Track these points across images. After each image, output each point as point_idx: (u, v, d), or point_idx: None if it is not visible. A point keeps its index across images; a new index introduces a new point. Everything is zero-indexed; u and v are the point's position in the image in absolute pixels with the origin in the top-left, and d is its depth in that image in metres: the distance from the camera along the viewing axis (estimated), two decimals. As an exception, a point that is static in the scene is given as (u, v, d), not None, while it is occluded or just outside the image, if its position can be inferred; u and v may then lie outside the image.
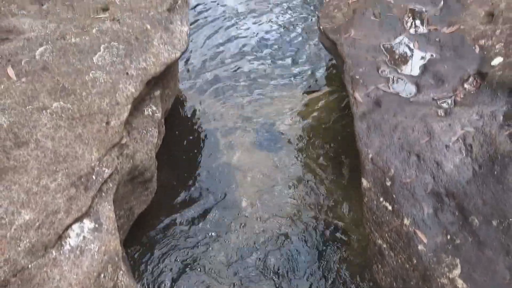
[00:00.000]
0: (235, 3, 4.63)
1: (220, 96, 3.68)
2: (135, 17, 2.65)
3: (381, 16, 2.96)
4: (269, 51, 4.10)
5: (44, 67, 2.26)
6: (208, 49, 4.12)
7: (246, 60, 4.01)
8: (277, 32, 4.31)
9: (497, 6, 2.83)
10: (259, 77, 3.84)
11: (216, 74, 3.86)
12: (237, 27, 4.36)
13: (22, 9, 2.67)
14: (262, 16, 4.48)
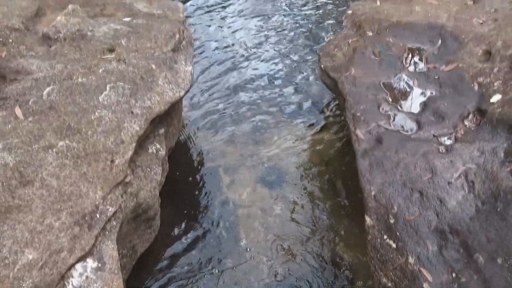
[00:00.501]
0: (236, 36, 4.75)
1: (222, 133, 3.72)
2: (140, 57, 2.72)
3: (380, 55, 3.03)
4: (271, 86, 4.17)
5: (51, 106, 2.31)
6: (210, 84, 4.20)
7: (248, 95, 4.08)
8: (278, 66, 4.40)
9: (494, 44, 2.90)
10: (261, 112, 3.90)
11: (218, 110, 3.92)
12: (238, 60, 4.46)
13: (31, 51, 2.76)
14: (263, 49, 4.59)
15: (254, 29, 4.90)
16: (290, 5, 5.30)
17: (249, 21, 5.03)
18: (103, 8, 3.23)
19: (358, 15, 3.43)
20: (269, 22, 5.01)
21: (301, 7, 5.26)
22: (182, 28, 3.09)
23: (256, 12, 5.18)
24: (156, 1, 3.42)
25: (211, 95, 4.10)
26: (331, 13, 5.15)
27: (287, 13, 5.17)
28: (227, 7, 5.26)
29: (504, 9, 3.25)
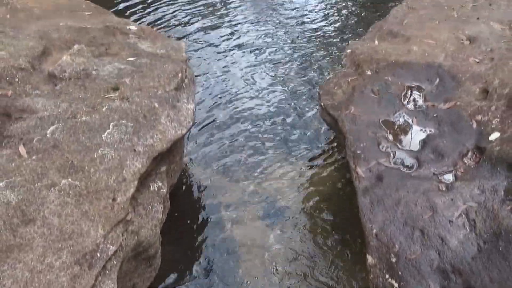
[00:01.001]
0: (234, 69, 4.83)
1: (222, 167, 3.74)
2: (143, 96, 2.78)
3: (380, 93, 3.09)
4: (269, 121, 4.22)
5: (55, 145, 2.34)
6: (208, 116, 4.26)
7: (247, 129, 4.12)
8: (278, 101, 4.46)
9: (491, 83, 2.96)
10: (260, 146, 3.93)
11: (217, 144, 3.96)
12: (236, 93, 4.53)
13: (37, 89, 2.82)
14: (262, 83, 4.67)
15: (253, 63, 5.00)
16: (289, 39, 5.42)
17: (248, 55, 5.14)
18: (108, 47, 3.31)
19: (357, 54, 3.51)
20: (268, 56, 5.12)
21: (300, 42, 5.39)
22: (184, 67, 3.16)
23: (256, 45, 5.30)
24: (160, 41, 3.51)
25: (210, 128, 4.15)
26: (330, 48, 5.27)
27: (287, 47, 5.28)
28: (227, 40, 5.39)
29: (499, 48, 3.33)
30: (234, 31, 5.56)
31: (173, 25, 5.60)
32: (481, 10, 3.97)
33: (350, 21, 5.77)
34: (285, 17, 5.88)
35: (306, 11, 6.06)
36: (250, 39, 5.42)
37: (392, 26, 3.84)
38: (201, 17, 5.76)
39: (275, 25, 5.68)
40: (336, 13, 5.95)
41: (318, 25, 5.70)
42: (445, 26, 3.73)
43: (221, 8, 6.02)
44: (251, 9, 6.03)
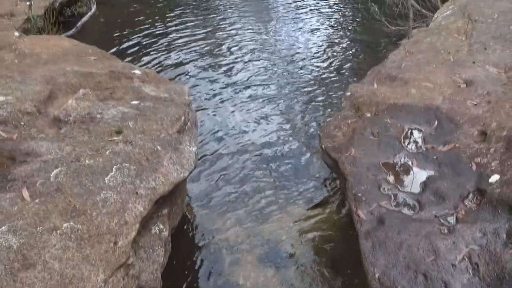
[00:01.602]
0: (236, 111, 4.90)
1: (223, 210, 3.74)
2: (147, 139, 2.82)
3: (379, 135, 3.13)
4: (271, 163, 4.24)
5: (58, 188, 2.35)
6: (210, 158, 4.28)
7: (248, 171, 4.14)
8: (279, 142, 4.50)
9: (489, 125, 3.00)
10: (262, 189, 3.94)
11: (218, 185, 3.97)
12: (238, 135, 4.57)
13: (41, 133, 2.86)
14: (263, 126, 4.72)
15: (253, 103, 5.07)
16: (289, 80, 5.53)
17: (248, 94, 5.23)
18: (113, 91, 3.39)
19: (356, 97, 3.58)
20: (267, 96, 5.21)
21: (300, 83, 5.49)
22: (187, 110, 3.23)
23: (255, 85, 5.40)
24: (163, 85, 3.60)
25: (211, 168, 4.17)
26: (330, 89, 5.36)
27: (286, 88, 5.37)
28: (226, 77, 5.49)
29: (496, 91, 3.40)
30: (233, 70, 5.69)
31: (174, 64, 5.73)
32: (476, 54, 4.07)
33: (349, 64, 5.91)
34: (284, 58, 6.02)
35: (306, 52, 6.21)
36: (250, 78, 5.54)
37: (391, 70, 3.93)
38: (200, 57, 5.90)
39: (275, 66, 5.81)
40: (336, 56, 6.10)
41: (318, 67, 5.83)
42: (442, 69, 3.82)
43: (219, 48, 6.17)
44: (251, 49, 6.18)
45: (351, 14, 7.40)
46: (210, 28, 6.70)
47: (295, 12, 7.40)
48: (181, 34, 6.37)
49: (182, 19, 6.80)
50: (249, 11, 7.39)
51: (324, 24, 7.03)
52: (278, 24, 7.05)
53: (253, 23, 6.97)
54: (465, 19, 4.76)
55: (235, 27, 6.78)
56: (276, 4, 7.82)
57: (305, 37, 6.66)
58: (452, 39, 4.41)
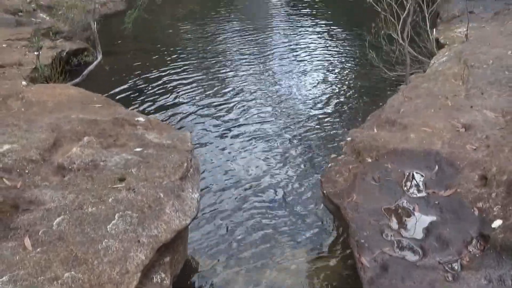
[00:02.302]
0: (239, 158, 4.93)
1: (227, 259, 3.69)
2: (149, 186, 2.84)
3: (380, 180, 3.14)
4: (274, 210, 4.23)
5: (60, 237, 2.35)
6: (212, 204, 4.27)
7: (250, 217, 4.13)
8: (281, 189, 4.50)
9: (489, 170, 3.02)
10: (265, 236, 3.90)
11: (222, 234, 3.94)
12: (241, 182, 4.58)
13: (45, 181, 2.89)
14: (265, 171, 4.74)
15: (253, 147, 5.11)
16: (290, 125, 5.59)
17: (248, 139, 5.27)
18: (116, 139, 3.44)
19: (356, 142, 3.62)
20: (268, 141, 5.26)
21: (300, 128, 5.55)
22: (189, 157, 3.26)
23: (255, 130, 5.46)
24: (166, 132, 3.65)
25: (213, 214, 4.16)
26: (330, 134, 5.42)
27: (287, 133, 5.43)
28: (230, 124, 5.56)
29: (494, 135, 3.43)
30: (234, 114, 5.78)
31: (177, 110, 5.82)
32: (474, 98, 4.14)
33: (349, 108, 6.01)
34: (284, 102, 6.13)
35: (306, 96, 6.33)
36: (250, 122, 5.62)
37: (390, 115, 4.00)
38: (201, 102, 6.01)
39: (274, 110, 5.90)
40: (335, 100, 6.21)
41: (317, 111, 5.92)
42: (440, 114, 3.88)
43: (220, 91, 6.29)
44: (251, 93, 6.30)
45: (350, 60, 7.60)
46: (210, 72, 6.88)
47: (294, 58, 7.60)
48: (183, 80, 6.53)
49: (184, 66, 6.98)
50: (248, 56, 7.60)
51: (323, 69, 7.20)
52: (277, 68, 7.23)
53: (253, 68, 7.15)
54: (461, 65, 4.89)
55: (235, 72, 6.96)
56: (275, 49, 8.03)
57: (304, 81, 6.81)
58: (449, 84, 4.51)
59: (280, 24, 9.47)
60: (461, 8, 7.50)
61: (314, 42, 8.41)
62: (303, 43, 8.36)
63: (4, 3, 6.89)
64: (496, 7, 7.47)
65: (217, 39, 8.31)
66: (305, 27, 9.29)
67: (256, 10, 10.61)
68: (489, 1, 7.85)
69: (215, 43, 8.10)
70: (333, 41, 8.51)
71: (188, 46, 7.82)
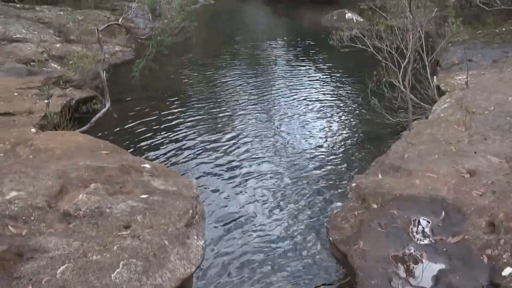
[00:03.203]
0: (243, 202, 4.91)
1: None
2: (154, 233, 2.83)
3: (387, 227, 3.12)
4: (279, 256, 4.17)
5: (63, 286, 2.33)
6: (217, 252, 4.21)
7: (255, 265, 4.05)
8: (287, 235, 4.45)
9: (496, 216, 2.99)
10: (269, 284, 3.82)
11: (226, 283, 3.86)
12: (245, 226, 4.53)
13: (51, 228, 2.89)
14: (270, 217, 4.70)
15: (258, 193, 5.10)
16: (294, 172, 5.60)
17: (253, 184, 5.26)
18: (123, 186, 3.46)
19: (362, 188, 3.62)
20: (272, 187, 5.25)
21: (305, 174, 5.56)
22: (195, 203, 3.27)
23: (260, 175, 5.46)
24: (172, 178, 3.68)
25: (217, 260, 4.09)
26: (335, 180, 5.42)
27: (291, 179, 5.43)
28: (234, 170, 5.57)
29: (500, 181, 3.43)
30: (239, 161, 5.81)
31: (182, 156, 5.86)
32: (477, 144, 4.17)
33: (353, 155, 6.04)
34: (288, 149, 6.17)
35: (310, 143, 6.37)
36: (255, 169, 5.63)
37: (394, 161, 4.02)
38: (207, 149, 6.07)
39: (279, 156, 5.93)
40: (339, 147, 6.26)
41: (322, 157, 5.95)
42: (445, 160, 3.90)
43: (225, 138, 6.35)
44: (256, 141, 6.36)
45: (353, 106, 7.71)
46: (214, 117, 6.99)
47: (296, 103, 7.73)
48: (188, 126, 6.63)
49: (188, 112, 7.12)
50: (250, 101, 7.74)
51: (326, 114, 7.30)
52: (279, 113, 7.33)
53: (255, 112, 7.26)
54: (463, 111, 4.95)
55: (239, 117, 7.07)
56: (277, 95, 8.18)
57: (307, 126, 6.88)
58: (452, 130, 4.55)
59: (281, 71, 9.70)
60: (460, 57, 7.69)
61: (316, 88, 8.58)
62: (305, 89, 8.53)
63: (18, 54, 7.14)
64: (494, 55, 7.66)
65: (220, 85, 8.51)
66: (307, 74, 9.51)
67: (257, 57, 10.89)
68: (487, 49, 8.07)
69: (218, 89, 8.29)
70: (335, 87, 8.69)
71: (193, 93, 7.99)
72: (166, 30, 7.49)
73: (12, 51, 7.20)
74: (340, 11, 14.36)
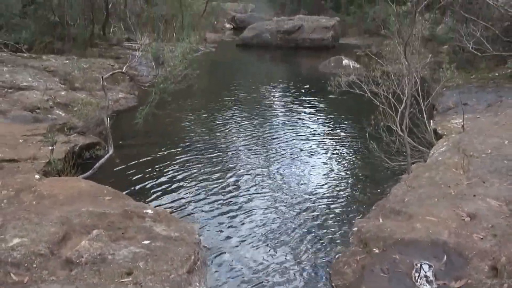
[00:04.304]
0: (243, 252, 4.87)
1: None
2: (156, 280, 2.83)
3: (389, 272, 3.11)
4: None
5: (65, 334, 2.31)
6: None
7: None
8: (289, 279, 4.39)
9: (498, 260, 3.00)
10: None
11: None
12: (248, 276, 4.47)
13: (52, 275, 2.90)
14: (271, 261, 4.64)
15: (262, 241, 5.06)
16: (295, 216, 5.59)
17: (257, 232, 5.23)
18: (125, 231, 3.49)
19: (363, 233, 3.64)
20: (274, 231, 5.22)
21: (306, 219, 5.55)
22: (197, 249, 3.28)
23: (261, 219, 5.44)
24: (174, 224, 3.70)
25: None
26: (336, 224, 5.40)
27: (293, 224, 5.41)
28: (237, 217, 5.56)
29: (500, 224, 3.45)
30: (240, 206, 5.80)
31: (184, 201, 5.86)
32: (476, 187, 4.21)
33: (353, 199, 6.04)
34: (288, 193, 6.17)
35: (310, 187, 6.39)
36: (256, 213, 5.62)
37: (394, 205, 4.05)
38: (208, 194, 6.08)
39: (280, 201, 5.94)
40: (339, 191, 6.27)
41: (322, 201, 5.95)
42: (444, 203, 3.93)
43: (225, 185, 6.37)
44: (257, 185, 6.38)
45: (351, 150, 7.79)
46: (215, 162, 7.02)
47: (295, 147, 7.80)
48: (190, 171, 6.67)
49: (190, 157, 7.17)
50: (250, 146, 7.82)
51: (325, 159, 7.34)
52: (279, 157, 7.37)
53: (255, 157, 7.30)
54: (460, 154, 5.03)
55: (240, 161, 7.12)
56: (276, 139, 8.26)
57: (306, 170, 6.91)
58: (450, 174, 4.61)
59: (281, 115, 9.86)
60: (455, 101, 7.85)
61: (315, 132, 8.68)
62: (304, 133, 8.63)
63: (24, 101, 7.30)
64: (489, 99, 7.82)
65: (221, 130, 8.62)
66: (306, 118, 9.64)
67: (257, 101, 11.10)
68: (481, 93, 8.25)
69: (219, 133, 8.39)
70: (334, 131, 8.80)
71: (195, 137, 8.09)
72: (169, 77, 7.68)
73: (19, 99, 7.38)
74: (337, 58, 14.74)
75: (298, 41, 19.78)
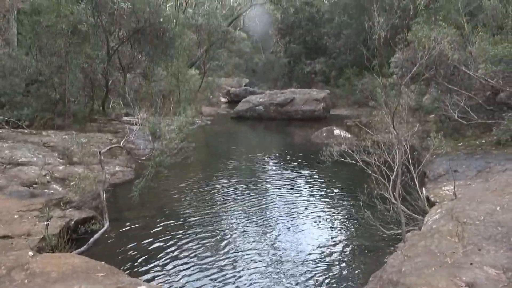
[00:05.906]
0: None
1: None
2: None
3: None
4: None
5: None
6: None
7: None
8: None
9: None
10: None
11: None
12: None
13: None
14: None
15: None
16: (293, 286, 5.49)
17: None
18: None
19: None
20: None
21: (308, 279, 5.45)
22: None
23: (258, 283, 5.32)
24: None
25: None
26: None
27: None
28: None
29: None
30: (237, 279, 5.70)
31: (181, 275, 5.76)
32: (472, 255, 4.21)
33: (349, 269, 5.96)
34: (284, 264, 6.09)
35: (304, 258, 6.31)
36: (252, 282, 5.52)
37: (391, 275, 4.02)
38: (205, 268, 5.99)
39: (275, 271, 5.85)
40: (334, 260, 6.20)
41: (317, 271, 5.86)
42: (442, 272, 3.91)
43: (222, 255, 6.29)
44: (253, 255, 6.30)
45: (346, 219, 7.78)
46: (211, 235, 6.95)
47: (291, 220, 7.78)
48: (186, 245, 6.59)
49: (186, 230, 7.12)
50: (246, 218, 7.79)
51: (320, 229, 7.31)
52: (274, 228, 7.33)
53: (252, 230, 7.25)
54: (454, 221, 5.07)
55: (236, 233, 7.07)
56: (272, 209, 8.25)
57: (302, 242, 6.85)
58: (446, 242, 4.62)
59: (275, 185, 9.92)
60: (446, 168, 8.01)
61: (309, 201, 8.67)
62: (298, 202, 8.65)
63: (21, 177, 7.39)
64: (478, 166, 7.99)
65: (216, 201, 8.63)
66: (299, 187, 9.71)
67: (252, 173, 11.21)
68: (470, 160, 8.43)
69: (215, 205, 8.39)
70: (328, 200, 8.83)
71: (190, 210, 8.07)
72: (165, 151, 7.85)
73: (17, 174, 7.46)
74: (329, 128, 15.15)
75: (291, 113, 20.41)
